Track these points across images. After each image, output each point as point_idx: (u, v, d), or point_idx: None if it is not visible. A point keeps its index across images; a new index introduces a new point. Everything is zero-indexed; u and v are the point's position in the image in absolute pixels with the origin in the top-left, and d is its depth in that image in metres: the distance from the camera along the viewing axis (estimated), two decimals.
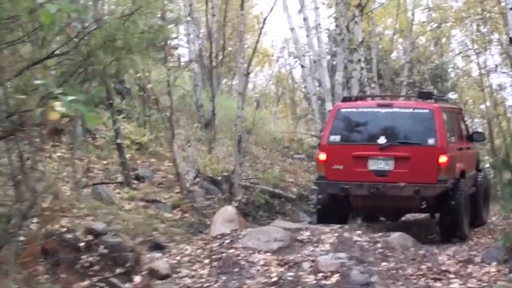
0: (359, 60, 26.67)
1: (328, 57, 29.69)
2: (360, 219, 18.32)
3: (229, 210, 15.56)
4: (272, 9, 21.56)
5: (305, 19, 27.84)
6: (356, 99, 19.50)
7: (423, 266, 13.25)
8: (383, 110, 16.55)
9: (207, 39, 27.81)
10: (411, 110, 16.50)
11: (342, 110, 16.80)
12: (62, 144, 17.91)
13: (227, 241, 13.87)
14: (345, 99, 18.58)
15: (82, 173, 16.53)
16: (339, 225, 15.16)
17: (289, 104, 43.47)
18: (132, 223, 14.74)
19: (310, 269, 12.52)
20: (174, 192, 17.32)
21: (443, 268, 13.49)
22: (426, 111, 16.14)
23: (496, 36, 39.94)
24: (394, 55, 40.45)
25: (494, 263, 13.86)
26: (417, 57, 39.60)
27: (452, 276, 13.14)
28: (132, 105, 22.35)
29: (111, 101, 17.66)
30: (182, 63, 31.34)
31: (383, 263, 13.06)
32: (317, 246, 13.49)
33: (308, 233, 14.16)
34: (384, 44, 37.32)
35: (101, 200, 15.48)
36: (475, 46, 41.47)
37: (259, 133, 27.59)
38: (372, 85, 31.88)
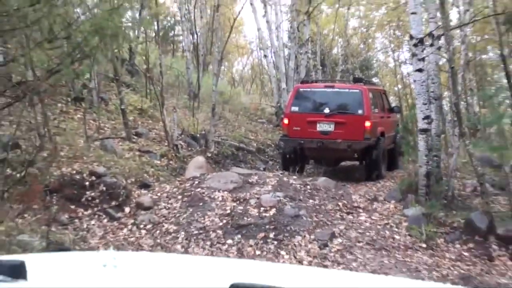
0: (306, 52, 26.63)
1: (285, 50, 29.04)
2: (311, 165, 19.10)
3: (200, 159, 14.82)
4: (239, 12, 20.57)
5: (267, 21, 27.28)
6: (310, 81, 20.35)
7: (340, 203, 12.65)
8: (328, 90, 17.33)
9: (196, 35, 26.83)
10: (347, 90, 17.39)
11: (300, 89, 17.63)
12: (82, 108, 17.00)
13: (196, 182, 13.14)
14: (302, 82, 19.92)
15: (94, 130, 15.67)
16: (281, 172, 14.67)
17: (259, 84, 42.82)
18: (128, 167, 13.94)
19: (255, 204, 11.86)
20: (164, 145, 16.46)
21: (355, 204, 12.92)
22: (357, 90, 16.78)
23: (406, 38, 39.03)
24: (334, 50, 40.38)
25: (393, 201, 13.48)
26: (351, 52, 39.61)
27: (361, 211, 12.58)
28: (139, 82, 21.50)
29: (117, 77, 16.75)
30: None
31: (310, 200, 12.42)
32: (262, 187, 12.74)
33: (256, 177, 13.41)
34: (327, 43, 37.13)
35: (106, 151, 14.66)
36: (392, 45, 41.83)
37: (233, 103, 26.99)
38: (317, 71, 31.56)
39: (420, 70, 13.41)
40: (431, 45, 14.40)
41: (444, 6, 14.70)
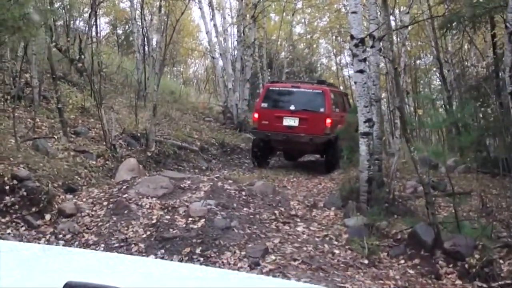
0: (251, 55, 24.43)
1: (232, 52, 26.82)
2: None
3: (132, 161, 12.26)
4: (182, 14, 18.03)
5: (215, 25, 24.99)
6: (278, 82, 20.40)
7: (276, 211, 10.30)
8: (294, 89, 17.28)
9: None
10: (311, 90, 17.21)
11: (270, 88, 17.69)
12: (21, 106, 14.46)
13: (124, 187, 10.64)
14: (272, 82, 20.23)
15: (30, 129, 13.12)
16: (216, 175, 12.21)
17: (211, 84, 40.44)
18: (57, 169, 11.48)
19: (183, 213, 9.43)
20: (102, 145, 13.95)
21: (293, 212, 10.60)
22: (320, 91, 16.80)
23: (347, 44, 38.55)
24: (282, 54, 38.69)
25: (333, 208, 11.26)
26: (296, 56, 39.34)
27: (298, 220, 10.24)
28: (86, 81, 18.93)
29: (54, 75, 14.22)
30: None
31: (244, 209, 10.05)
32: (194, 193, 10.32)
33: (189, 182, 10.93)
34: (274, 47, 35.40)
35: (38, 151, 12.19)
36: (334, 50, 41.56)
37: (183, 102, 24.41)
38: (263, 73, 29.89)
39: (361, 72, 11.21)
40: (372, 46, 12.21)
41: (386, 5, 12.46)
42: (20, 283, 2.00)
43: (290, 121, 16.49)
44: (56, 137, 13.51)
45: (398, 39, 18.61)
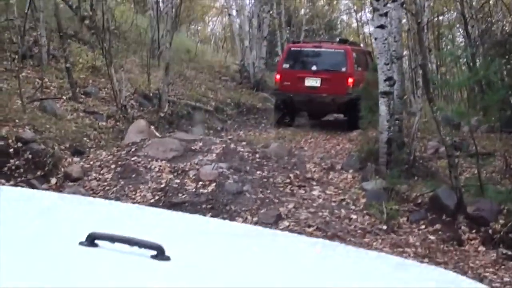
0: (269, 11, 23.60)
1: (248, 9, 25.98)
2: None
3: (141, 123, 11.75)
4: None
5: None
6: (299, 42, 19.96)
7: (291, 175, 9.79)
8: (316, 49, 17.12)
9: None
10: (332, 50, 17.08)
11: (292, 48, 17.62)
12: (29, 66, 14.04)
13: (133, 149, 10.20)
14: (293, 42, 20.17)
15: (36, 90, 12.70)
16: (229, 137, 11.73)
17: (229, 43, 39.75)
18: (65, 131, 11.13)
19: (193, 177, 9.01)
20: (113, 106, 13.53)
21: (309, 175, 10.10)
22: (342, 50, 16.70)
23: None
24: (301, 12, 37.77)
25: (351, 171, 10.76)
26: (316, 13, 37.85)
27: (314, 183, 9.73)
28: (98, 39, 18.41)
29: (61, 33, 13.78)
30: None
31: (258, 172, 9.57)
32: (205, 156, 9.88)
33: (201, 144, 10.44)
34: (293, 3, 34.53)
35: (45, 112, 11.80)
36: (355, 7, 40.14)
37: (199, 61, 23.77)
38: (281, 30, 29.41)
39: (382, 27, 10.64)
40: (394, 0, 11.60)
41: None
42: (41, 233, 1.85)
43: (312, 82, 16.37)
44: (64, 97, 13.09)
45: None
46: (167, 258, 1.57)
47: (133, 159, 9.72)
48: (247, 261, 1.86)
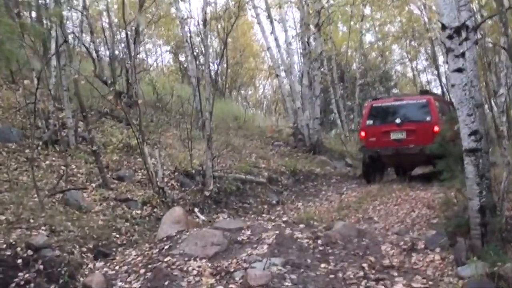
0: (319, 67, 21.65)
1: (298, 67, 24.42)
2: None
3: (177, 211, 9.71)
4: (230, 30, 16.01)
5: (276, 38, 22.66)
6: (379, 98, 19.05)
7: (364, 264, 7.68)
8: (397, 103, 17.01)
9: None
10: (415, 101, 16.78)
11: (374, 105, 17.37)
12: (55, 152, 12.44)
13: (167, 246, 8.30)
14: (374, 99, 19.34)
15: (58, 179, 11.01)
16: (283, 220, 9.61)
17: (279, 106, 38.13)
18: (89, 228, 9.33)
19: (240, 281, 6.97)
20: (150, 190, 11.74)
21: (386, 262, 7.92)
22: (424, 101, 16.39)
23: (422, 47, 37.96)
24: (353, 66, 36.40)
25: (438, 250, 8.55)
26: (369, 66, 36.92)
27: (395, 273, 7.57)
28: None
29: (84, 114, 12.14)
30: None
31: (322, 265, 7.50)
32: (256, 248, 7.93)
33: (248, 232, 8.49)
34: (345, 58, 33.06)
35: (68, 205, 10.08)
36: (409, 56, 39.06)
37: (249, 127, 22.08)
38: (334, 86, 27.45)
39: (459, 71, 8.58)
40: (466, 39, 9.57)
41: None
42: None
43: (398, 134, 16.26)
44: (93, 185, 11.37)
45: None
46: None
47: (166, 259, 7.80)
48: None
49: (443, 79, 36.06)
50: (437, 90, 40.58)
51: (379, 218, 11.86)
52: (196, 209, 11.82)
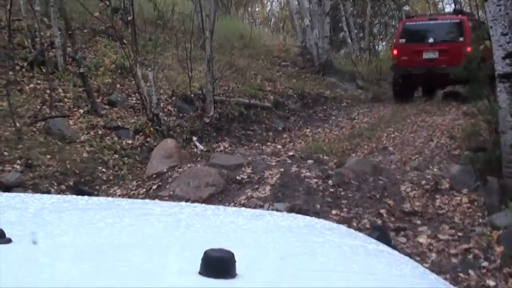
0: None
1: None
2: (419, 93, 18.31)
3: (169, 144, 8.45)
4: None
5: None
6: (413, 16, 19.68)
7: (382, 210, 6.58)
8: (431, 22, 17.04)
9: None
10: (448, 21, 16.97)
11: (407, 23, 17.49)
12: (41, 74, 11.18)
13: (155, 186, 7.18)
14: (408, 17, 19.85)
15: (41, 105, 9.85)
16: (289, 156, 8.38)
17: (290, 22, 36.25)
18: (72, 161, 8.18)
19: None
20: (144, 116, 10.55)
21: (407, 206, 6.81)
22: (458, 20, 16.38)
23: None
24: None
25: (465, 190, 7.39)
26: None
27: (418, 221, 6.45)
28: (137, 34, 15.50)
29: (70, 32, 10.84)
30: None
31: (334, 211, 6.39)
32: (257, 189, 6.79)
33: (249, 170, 7.32)
34: None
35: (51, 135, 8.91)
36: None
37: (255, 46, 20.58)
38: (345, 5, 25.90)
39: None
40: None
41: None
42: None
43: (430, 54, 16.15)
44: (81, 111, 10.20)
45: None
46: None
47: None
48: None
49: None
50: (449, 7, 39.30)
51: (394, 148, 10.77)
52: (194, 138, 10.69)
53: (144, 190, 7.13)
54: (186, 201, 6.62)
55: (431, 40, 16.24)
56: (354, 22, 29.27)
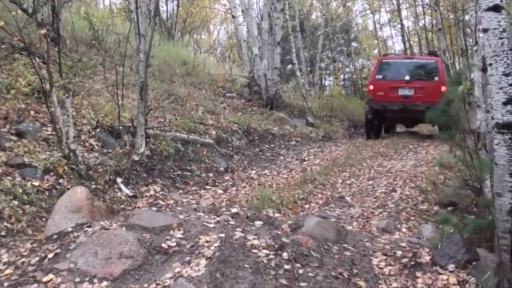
0: (282, 10, 18.40)
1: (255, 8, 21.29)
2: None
3: (78, 193, 6.54)
4: None
5: None
6: (389, 55, 20.90)
7: None
8: (407, 60, 17.87)
9: None
10: (424, 61, 17.62)
11: (383, 60, 17.82)
12: None
13: (51, 255, 5.30)
14: (384, 54, 21.14)
15: None
16: (231, 215, 6.55)
17: (235, 52, 34.74)
18: None
19: None
20: (57, 151, 8.66)
21: None
22: (433, 61, 17.05)
23: None
24: (313, 15, 33.90)
25: (452, 266, 5.78)
26: (331, 16, 34.61)
27: None
28: (66, 53, 13.67)
29: None
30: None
31: None
32: (188, 262, 5.03)
33: (179, 233, 5.54)
34: (306, 7, 30.48)
35: None
36: (371, 8, 37.42)
37: (199, 74, 18.93)
38: (296, 36, 24.84)
39: (496, 9, 5.82)
40: None
41: None
42: None
43: (406, 91, 16.54)
44: None
45: None
46: None
47: (45, 279, 4.87)
48: None
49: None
50: (399, 46, 39.45)
51: (352, 199, 9.27)
52: (119, 179, 8.88)
53: (38, 258, 5.27)
54: (91, 279, 4.84)
55: (407, 77, 16.60)
56: (304, 54, 28.13)
